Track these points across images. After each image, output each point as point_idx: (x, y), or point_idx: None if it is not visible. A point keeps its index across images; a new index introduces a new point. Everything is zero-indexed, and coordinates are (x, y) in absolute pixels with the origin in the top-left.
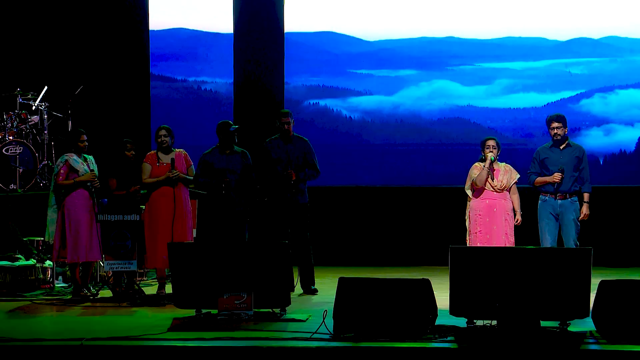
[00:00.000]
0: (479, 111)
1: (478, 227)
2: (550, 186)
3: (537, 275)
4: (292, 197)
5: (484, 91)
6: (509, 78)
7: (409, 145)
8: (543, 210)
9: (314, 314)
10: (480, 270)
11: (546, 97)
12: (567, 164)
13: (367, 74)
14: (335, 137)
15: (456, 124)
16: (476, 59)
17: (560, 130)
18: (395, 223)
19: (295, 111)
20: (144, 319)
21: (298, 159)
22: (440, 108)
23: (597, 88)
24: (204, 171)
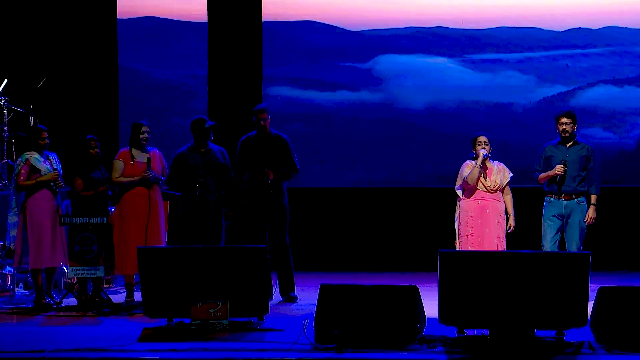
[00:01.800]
0: (470, 106)
1: (469, 230)
2: (554, 186)
3: (532, 281)
4: (270, 198)
5: (475, 85)
6: (502, 71)
7: (395, 143)
8: (548, 212)
9: (293, 323)
10: (471, 276)
11: (542, 91)
12: (573, 163)
13: (351, 66)
14: (316, 134)
15: (446, 119)
16: (467, 50)
17: (569, 127)
18: (381, 226)
19: (273, 106)
20: (112, 328)
21: (276, 158)
22: (429, 103)
23: (596, 81)
24: (177, 171)
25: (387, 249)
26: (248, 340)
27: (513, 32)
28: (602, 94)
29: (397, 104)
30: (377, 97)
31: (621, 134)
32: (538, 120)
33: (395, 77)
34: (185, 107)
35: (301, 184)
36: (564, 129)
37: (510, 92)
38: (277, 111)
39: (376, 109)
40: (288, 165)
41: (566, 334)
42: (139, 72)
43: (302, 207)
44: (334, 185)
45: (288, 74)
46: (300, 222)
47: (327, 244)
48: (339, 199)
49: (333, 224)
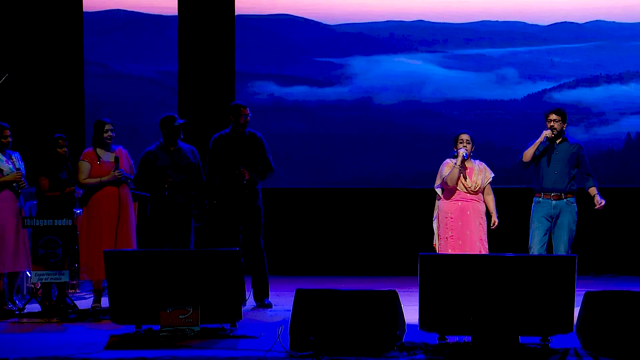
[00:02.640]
0: (451, 103)
1: (449, 232)
2: (537, 185)
3: (516, 286)
4: (244, 199)
5: (457, 81)
6: (485, 67)
7: (374, 141)
8: (536, 213)
9: (268, 329)
10: (453, 280)
11: (526, 87)
12: (562, 161)
13: (328, 61)
14: (292, 132)
15: (427, 117)
16: (448, 45)
17: (558, 125)
18: (359, 228)
19: (246, 103)
20: (77, 335)
21: (251, 157)
22: (409, 100)
23: (583, 78)
24: (146, 170)
25: (366, 251)
26: (220, 348)
27: (496, 26)
28: (589, 90)
29: (376, 101)
30: (355, 94)
31: (608, 132)
32: (522, 117)
33: (374, 73)
34: (155, 104)
35: (276, 184)
36: (552, 127)
37: (494, 88)
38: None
39: (354, 106)
40: (263, 165)
41: (551, 340)
42: (106, 67)
43: (277, 208)
44: (310, 185)
45: (262, 70)
46: (275, 224)
47: (303, 247)
48: (316, 200)
49: (309, 226)
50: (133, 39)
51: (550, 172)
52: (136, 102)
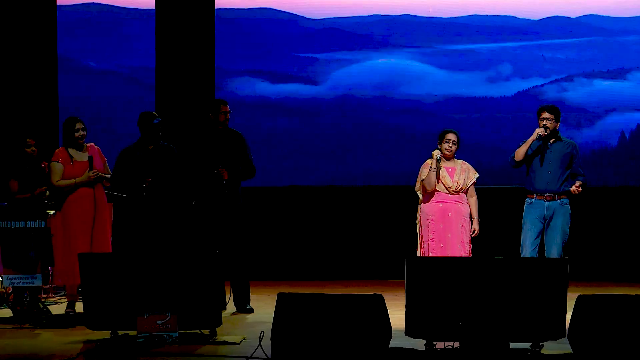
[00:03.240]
0: (439, 100)
1: (430, 235)
2: (529, 185)
3: (506, 290)
4: (224, 199)
5: (445, 78)
6: (474, 63)
7: (358, 139)
8: (528, 214)
9: (249, 335)
10: (441, 284)
11: (517, 84)
12: (555, 161)
13: (311, 57)
14: (273, 130)
15: (413, 114)
16: (436, 40)
17: (551, 123)
18: (344, 229)
19: (227, 100)
20: (50, 342)
21: (231, 155)
22: (394, 96)
23: (575, 74)
24: (122, 170)
25: (351, 255)
26: (199, 355)
27: (486, 20)
28: (581, 87)
29: (361, 98)
30: (339, 90)
31: (601, 130)
32: (513, 115)
33: (358, 69)
34: (132, 101)
35: (256, 183)
36: (545, 125)
37: (483, 85)
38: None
39: (337, 103)
40: (243, 164)
41: (543, 346)
42: (81, 63)
43: (258, 208)
44: (292, 183)
45: (243, 66)
46: (256, 225)
47: (285, 251)
48: (298, 199)
49: (292, 227)
50: (109, 34)
51: (543, 173)
52: (112, 100)
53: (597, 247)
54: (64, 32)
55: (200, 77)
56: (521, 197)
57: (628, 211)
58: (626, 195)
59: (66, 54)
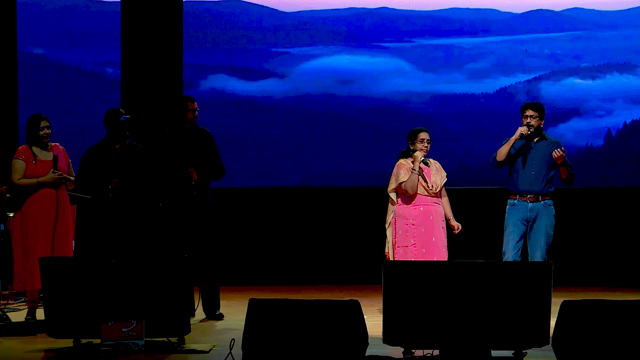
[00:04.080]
0: (419, 97)
1: (411, 240)
2: (512, 186)
3: (488, 295)
4: (192, 201)
5: (423, 73)
6: (454, 58)
7: (334, 138)
8: (511, 216)
9: (218, 343)
10: (420, 289)
11: (498, 81)
12: (539, 160)
13: (284, 51)
14: (243, 128)
15: (391, 112)
16: (414, 34)
17: (535, 121)
18: (318, 232)
19: (196, 97)
20: (9, 351)
21: (200, 155)
22: (372, 93)
23: (559, 70)
24: (88, 169)
25: (326, 258)
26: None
27: (466, 14)
28: (566, 83)
29: (337, 94)
30: (314, 87)
31: (587, 129)
32: (495, 112)
33: (334, 64)
34: (96, 97)
35: (226, 184)
36: (529, 123)
37: (464, 81)
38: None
39: (312, 100)
40: (212, 164)
41: (526, 354)
42: (42, 57)
43: (228, 210)
44: (263, 184)
45: (213, 61)
46: (226, 228)
47: (256, 254)
48: (269, 201)
49: (263, 230)
50: (72, 27)
51: (526, 173)
52: (76, 95)
53: (582, 250)
54: (24, 25)
55: (168, 73)
56: (503, 198)
57: (614, 213)
58: (612, 196)
59: (26, 48)
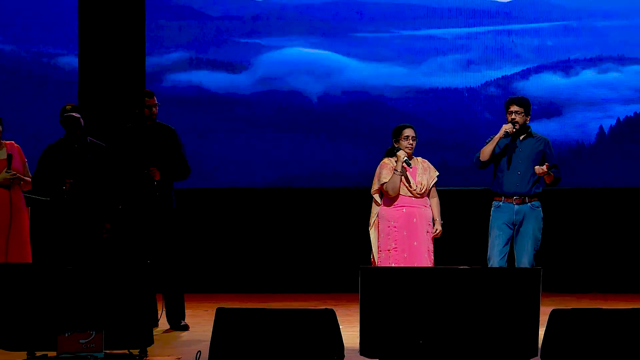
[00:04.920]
0: (396, 91)
1: (392, 244)
2: (497, 187)
3: (472, 304)
4: (155, 203)
5: (403, 66)
6: (436, 49)
7: (307, 136)
8: (496, 219)
9: (183, 355)
10: (400, 297)
11: (484, 74)
12: (526, 159)
13: (253, 43)
14: (210, 125)
15: (368, 108)
16: (394, 24)
17: (520, 117)
18: (290, 236)
19: (157, 92)
20: None
21: (163, 154)
22: (347, 88)
23: (549, 63)
24: (44, 170)
25: (299, 264)
26: None
27: (450, 2)
28: (556, 77)
29: (309, 89)
30: (285, 81)
31: (579, 126)
32: (480, 108)
33: (307, 56)
34: (52, 94)
35: (191, 184)
36: (514, 119)
37: (446, 74)
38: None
39: (284, 94)
40: (177, 163)
41: None
42: None
43: (194, 212)
44: (231, 185)
45: (177, 53)
46: (192, 231)
47: (225, 259)
48: (238, 202)
49: (232, 234)
50: (24, 18)
51: (512, 173)
52: (29, 92)
53: (572, 254)
54: None
55: (129, 66)
56: (489, 199)
57: (606, 215)
58: (604, 197)
59: None
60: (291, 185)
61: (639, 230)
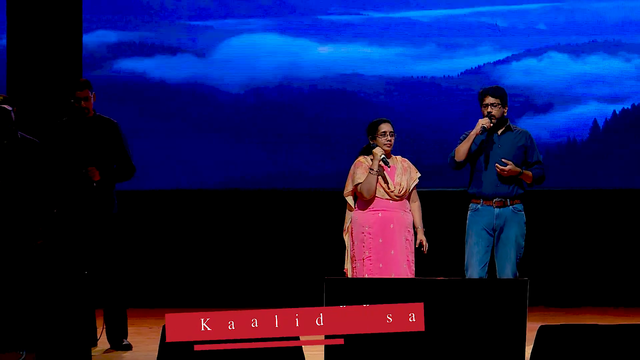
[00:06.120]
0: (366, 81)
1: (366, 252)
2: (475, 188)
3: (451, 319)
4: (94, 207)
5: (375, 52)
6: (412, 34)
7: (265, 131)
8: (473, 224)
9: None
10: None
11: (464, 61)
12: (505, 157)
13: (204, 25)
14: (157, 118)
15: (335, 100)
16: (364, 6)
17: (497, 110)
18: (248, 243)
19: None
20: None
21: (103, 151)
22: (312, 76)
23: (537, 48)
24: None
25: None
26: None
27: None
28: (545, 65)
29: (268, 79)
30: (241, 69)
31: (570, 120)
32: (459, 100)
33: (266, 42)
34: None
35: (136, 186)
36: (490, 113)
37: (421, 62)
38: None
39: (238, 85)
40: (119, 161)
41: None
42: None
43: (138, 217)
44: (181, 186)
45: (118, 37)
46: (136, 239)
47: (173, 270)
48: (189, 206)
49: (181, 241)
50: None
51: (491, 173)
52: None
53: (559, 263)
54: None
55: (64, 54)
56: (467, 202)
57: (598, 219)
58: (596, 199)
59: None
60: (246, 186)
61: (635, 236)
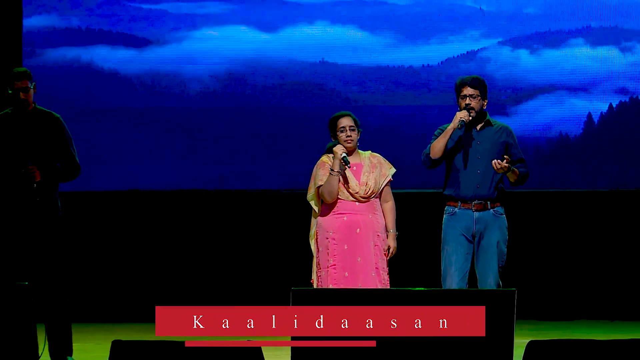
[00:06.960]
0: (335, 70)
1: (330, 260)
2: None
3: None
4: (35, 209)
5: (345, 40)
6: (387, 20)
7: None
8: (450, 229)
9: None
10: None
11: (444, 48)
12: (485, 154)
13: (159, 10)
14: (105, 112)
15: (301, 93)
16: None
17: (476, 102)
18: (207, 249)
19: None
20: None
21: (44, 147)
22: (274, 66)
23: (525, 35)
24: None
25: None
26: None
27: None
28: (534, 54)
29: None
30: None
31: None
32: (439, 92)
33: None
34: None
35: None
36: (469, 105)
37: (398, 50)
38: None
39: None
40: (62, 159)
41: None
42: None
43: (84, 221)
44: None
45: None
46: (81, 245)
47: (123, 279)
48: (140, 208)
49: (132, 247)
50: None
51: (470, 172)
52: None
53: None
54: None
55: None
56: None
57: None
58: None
59: None
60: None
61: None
